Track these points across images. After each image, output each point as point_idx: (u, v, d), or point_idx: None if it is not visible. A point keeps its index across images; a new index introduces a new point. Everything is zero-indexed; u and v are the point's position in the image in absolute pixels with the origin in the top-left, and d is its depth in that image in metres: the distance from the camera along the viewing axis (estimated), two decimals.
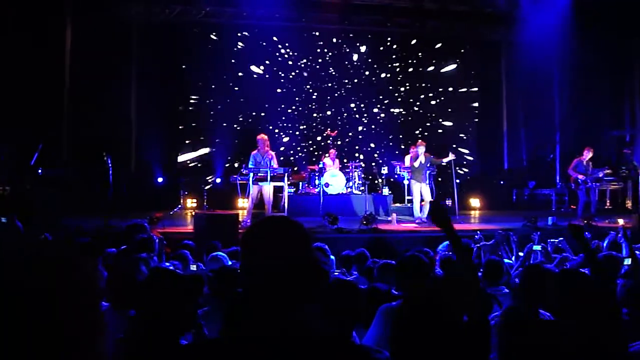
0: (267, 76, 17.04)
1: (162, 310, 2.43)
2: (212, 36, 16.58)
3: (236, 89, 16.75)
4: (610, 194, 15.05)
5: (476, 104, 18.58)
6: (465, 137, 18.28)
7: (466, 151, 17.96)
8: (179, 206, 14.30)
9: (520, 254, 6.47)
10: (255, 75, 16.94)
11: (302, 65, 17.31)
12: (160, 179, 15.86)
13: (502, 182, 17.87)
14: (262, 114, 16.88)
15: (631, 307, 3.83)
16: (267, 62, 17.04)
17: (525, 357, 2.46)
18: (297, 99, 17.24)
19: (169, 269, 3.18)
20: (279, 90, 17.10)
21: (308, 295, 1.53)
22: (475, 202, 15.86)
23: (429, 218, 2.54)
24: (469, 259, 2.78)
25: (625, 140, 16.88)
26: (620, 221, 6.56)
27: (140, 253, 5.38)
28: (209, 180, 15.85)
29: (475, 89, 18.56)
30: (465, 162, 17.81)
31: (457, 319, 1.81)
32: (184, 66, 16.56)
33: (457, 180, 12.82)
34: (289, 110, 17.16)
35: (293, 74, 17.24)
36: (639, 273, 4.58)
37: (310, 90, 17.39)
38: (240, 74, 16.79)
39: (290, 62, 17.24)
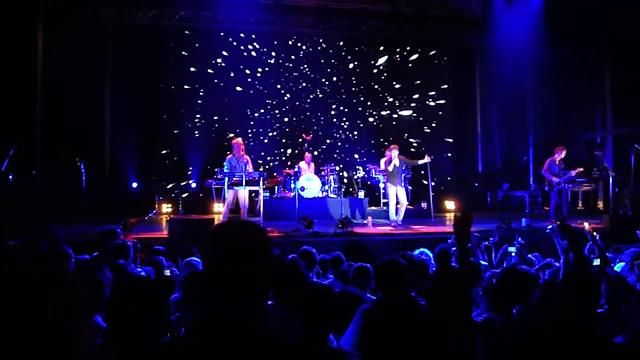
0: (242, 80, 16.96)
1: (130, 316, 2.40)
2: (187, 40, 16.44)
3: (211, 93, 16.64)
4: (582, 195, 15.25)
5: (451, 107, 18.70)
6: (439, 140, 18.38)
7: (448, 151, 18.09)
8: (154, 211, 14.16)
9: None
10: (231, 79, 16.84)
11: (278, 69, 17.27)
12: (134, 184, 15.70)
13: (476, 185, 18.02)
14: (237, 118, 16.80)
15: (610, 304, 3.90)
16: (242, 66, 16.97)
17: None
18: (272, 102, 17.19)
19: (135, 274, 3.14)
20: (254, 94, 17.03)
21: (263, 296, 1.59)
22: (450, 204, 15.95)
23: (455, 224, 2.53)
24: (467, 281, 2.78)
25: (596, 143, 17.15)
26: (586, 224, 6.63)
27: (115, 259, 5.33)
28: (186, 184, 15.73)
29: (450, 92, 18.69)
30: (440, 167, 17.93)
31: (435, 319, 1.81)
32: (159, 70, 16.38)
33: (433, 183, 12.89)
34: (264, 114, 17.11)
35: (268, 77, 17.19)
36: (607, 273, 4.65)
37: (286, 94, 17.36)
38: (215, 78, 16.69)
39: (265, 66, 17.19)
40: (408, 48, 18.21)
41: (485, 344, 2.68)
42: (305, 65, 17.53)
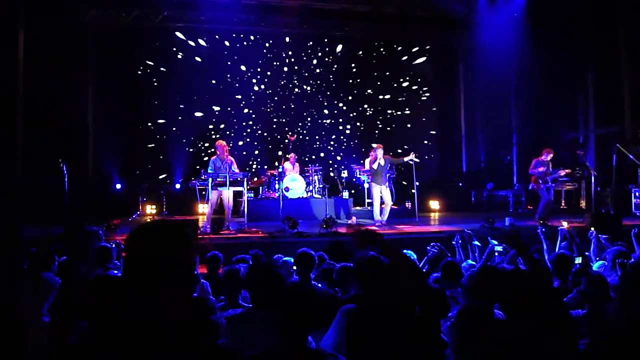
0: (227, 80, 16.90)
1: (107, 316, 2.38)
2: (170, 41, 16.35)
3: (195, 93, 16.57)
4: (565, 194, 15.38)
5: (435, 108, 18.78)
6: (424, 140, 18.44)
7: (433, 150, 18.14)
8: (138, 212, 14.07)
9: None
10: (215, 79, 16.78)
11: (262, 70, 17.23)
12: (118, 186, 15.58)
13: (460, 184, 18.10)
14: (221, 119, 16.77)
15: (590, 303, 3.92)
16: (226, 66, 16.90)
17: (478, 354, 2.47)
18: (256, 103, 17.15)
19: (109, 274, 3.12)
20: (238, 95, 16.99)
21: (257, 299, 1.61)
22: (434, 204, 16.02)
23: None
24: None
25: (578, 142, 17.28)
26: (564, 224, 6.69)
27: (98, 263, 5.29)
28: (170, 185, 15.66)
29: (434, 92, 18.76)
30: (425, 167, 17.98)
31: (412, 316, 1.81)
32: (142, 71, 16.29)
33: (417, 183, 12.92)
34: (249, 115, 17.06)
35: (252, 78, 17.15)
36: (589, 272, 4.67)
37: (270, 95, 17.33)
38: (199, 78, 16.60)
39: (249, 66, 17.14)
40: (392, 48, 18.23)
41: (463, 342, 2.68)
42: (290, 66, 17.51)
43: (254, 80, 17.17)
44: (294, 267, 5.54)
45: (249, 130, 17.04)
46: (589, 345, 2.36)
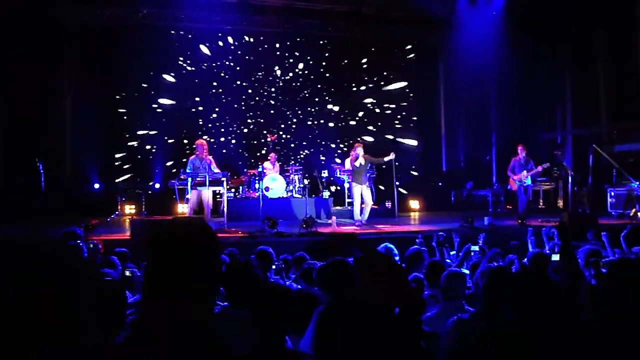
0: (207, 80, 16.81)
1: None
2: (149, 39, 16.20)
3: (175, 92, 16.47)
4: (543, 194, 15.54)
5: (415, 107, 18.85)
6: (404, 140, 18.50)
7: (413, 150, 18.21)
8: (117, 212, 13.95)
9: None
10: (195, 78, 16.69)
11: (243, 69, 17.17)
12: (96, 185, 15.43)
13: (440, 184, 18.20)
14: (202, 117, 16.69)
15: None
16: (207, 65, 16.82)
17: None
18: (237, 102, 17.09)
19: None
20: (219, 94, 16.91)
21: (213, 296, 1.57)
22: (414, 203, 16.09)
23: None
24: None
25: (556, 143, 17.48)
26: (549, 224, 6.81)
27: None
28: (150, 184, 15.54)
29: (414, 92, 18.84)
30: (405, 167, 18.05)
31: (386, 318, 1.80)
32: (121, 69, 16.11)
33: (397, 183, 12.97)
34: (229, 114, 16.99)
35: (233, 77, 17.08)
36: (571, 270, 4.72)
37: (251, 94, 17.28)
38: (179, 77, 16.52)
39: (230, 66, 17.07)
40: (372, 48, 18.28)
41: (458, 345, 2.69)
42: (270, 65, 17.47)
43: (235, 80, 17.09)
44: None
45: (229, 129, 16.97)
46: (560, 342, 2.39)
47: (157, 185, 15.57)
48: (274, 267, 5.58)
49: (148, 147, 16.22)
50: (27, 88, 13.47)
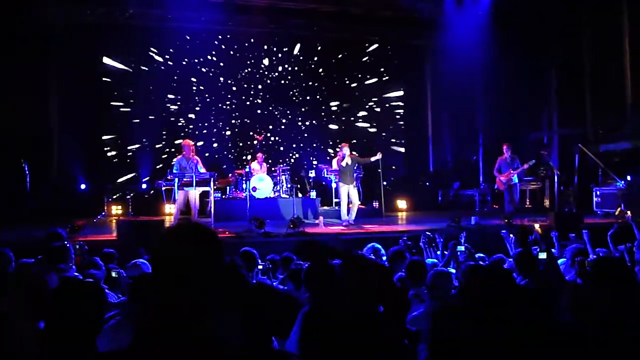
0: (194, 80, 16.74)
1: (69, 319, 2.36)
2: (137, 39, 16.10)
3: (162, 92, 16.39)
4: (529, 193, 15.61)
5: (402, 107, 18.89)
6: (391, 140, 18.53)
7: (400, 150, 18.24)
8: (103, 213, 13.85)
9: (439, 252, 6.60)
10: (181, 78, 16.60)
11: (229, 69, 17.11)
12: (83, 186, 15.32)
13: (427, 184, 18.25)
14: (188, 118, 16.62)
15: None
16: (194, 65, 16.75)
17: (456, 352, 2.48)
18: (223, 102, 17.03)
19: (75, 277, 3.08)
20: (206, 94, 16.84)
21: (220, 300, 1.57)
22: (402, 203, 16.12)
23: None
24: None
25: (543, 143, 17.58)
26: (536, 225, 6.85)
27: (55, 262, 5.18)
28: (137, 185, 15.45)
29: (401, 92, 18.88)
30: (394, 167, 18.07)
31: (369, 318, 1.80)
32: (107, 69, 16.00)
33: (384, 182, 13.00)
34: (216, 114, 16.93)
35: (220, 77, 17.02)
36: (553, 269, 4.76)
37: (238, 94, 17.23)
38: (166, 77, 16.43)
39: (216, 65, 17.01)
40: (358, 48, 18.29)
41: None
42: (257, 65, 17.44)
43: (222, 80, 17.03)
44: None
45: (216, 130, 16.91)
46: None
47: (144, 186, 15.49)
48: (260, 267, 5.56)
49: (134, 147, 16.11)
50: (12, 88, 13.35)
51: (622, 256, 5.76)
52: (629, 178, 13.32)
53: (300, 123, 17.77)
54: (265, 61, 17.52)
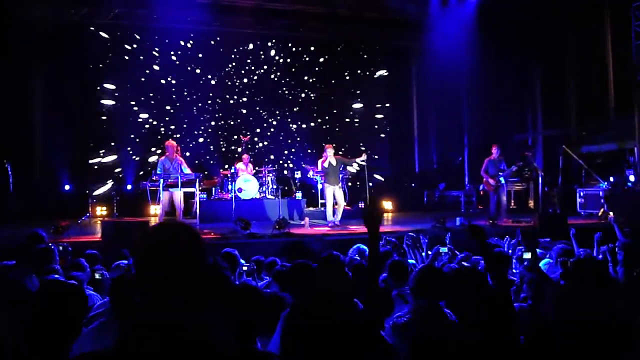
0: (180, 80, 16.63)
1: (50, 321, 2.34)
2: (121, 39, 16.00)
3: (147, 92, 16.27)
4: (514, 194, 15.72)
5: (388, 108, 18.91)
6: (376, 141, 18.55)
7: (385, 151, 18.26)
8: (87, 214, 13.74)
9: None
10: (169, 79, 16.50)
11: (215, 69, 17.05)
12: (67, 187, 15.20)
13: (413, 185, 18.31)
14: (174, 119, 16.53)
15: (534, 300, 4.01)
16: (180, 65, 16.65)
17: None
18: (209, 103, 16.96)
19: (57, 280, 3.06)
20: (191, 94, 16.75)
21: (205, 300, 1.57)
22: (387, 204, 16.14)
23: (363, 213, 2.56)
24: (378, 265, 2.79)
25: (527, 144, 17.72)
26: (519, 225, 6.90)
27: (38, 264, 5.13)
28: (121, 186, 15.35)
29: (387, 93, 18.90)
30: (377, 168, 18.08)
31: (346, 318, 1.81)
32: (92, 69, 15.85)
33: (370, 184, 13.01)
34: (201, 115, 16.84)
35: (205, 77, 16.94)
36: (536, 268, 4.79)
37: (224, 95, 17.16)
38: (151, 77, 16.31)
39: (202, 66, 16.93)
40: (345, 49, 18.30)
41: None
42: (243, 66, 17.39)
43: (208, 80, 16.96)
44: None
45: (201, 130, 16.83)
46: (526, 340, 2.43)
47: (129, 187, 15.40)
48: (245, 268, 5.55)
49: (119, 147, 15.98)
50: None
51: (605, 257, 5.82)
52: (611, 179, 13.47)
53: (286, 124, 17.74)
54: (252, 62, 17.47)
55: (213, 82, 17.01)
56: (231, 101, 17.23)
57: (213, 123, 16.96)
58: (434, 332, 2.69)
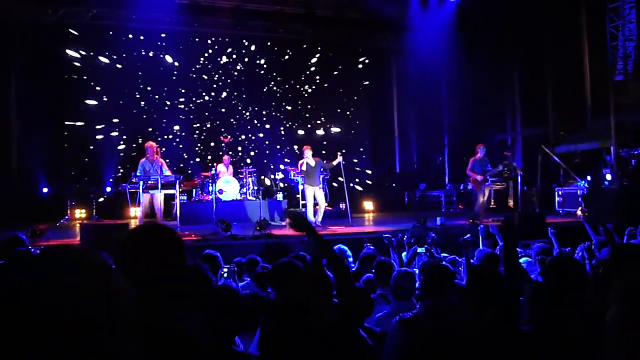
0: (158, 81, 16.50)
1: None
2: (99, 39, 15.83)
3: (126, 94, 16.11)
4: (494, 194, 15.83)
5: (368, 109, 18.96)
6: (357, 142, 18.58)
7: (366, 152, 18.29)
8: (66, 217, 13.58)
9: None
10: (146, 80, 16.37)
11: (194, 71, 16.96)
12: (45, 189, 15.01)
13: (394, 185, 18.37)
14: (153, 119, 16.39)
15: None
16: (158, 66, 16.53)
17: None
18: (189, 104, 16.85)
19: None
20: (170, 96, 16.62)
21: (185, 301, 1.57)
22: (368, 205, 16.20)
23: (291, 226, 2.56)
24: (339, 262, 2.79)
25: (507, 144, 17.87)
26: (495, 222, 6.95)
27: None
28: (100, 188, 15.19)
29: (367, 94, 18.95)
30: (361, 169, 18.12)
31: (324, 319, 1.81)
32: (70, 69, 15.65)
33: (351, 184, 13.03)
34: (181, 116, 16.74)
35: (185, 79, 16.83)
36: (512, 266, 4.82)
37: (204, 96, 17.07)
38: (130, 78, 16.14)
39: (182, 67, 16.82)
40: (325, 50, 18.29)
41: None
42: (223, 67, 17.31)
43: (187, 81, 16.85)
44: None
45: (182, 132, 16.72)
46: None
47: (108, 189, 15.25)
48: (225, 270, 5.53)
49: (98, 149, 15.81)
50: None
51: (582, 255, 5.88)
52: (589, 178, 13.64)
53: (266, 125, 17.69)
54: (231, 63, 17.39)
55: (192, 82, 16.89)
56: (210, 103, 17.12)
57: (193, 124, 16.87)
58: (445, 325, 2.70)
